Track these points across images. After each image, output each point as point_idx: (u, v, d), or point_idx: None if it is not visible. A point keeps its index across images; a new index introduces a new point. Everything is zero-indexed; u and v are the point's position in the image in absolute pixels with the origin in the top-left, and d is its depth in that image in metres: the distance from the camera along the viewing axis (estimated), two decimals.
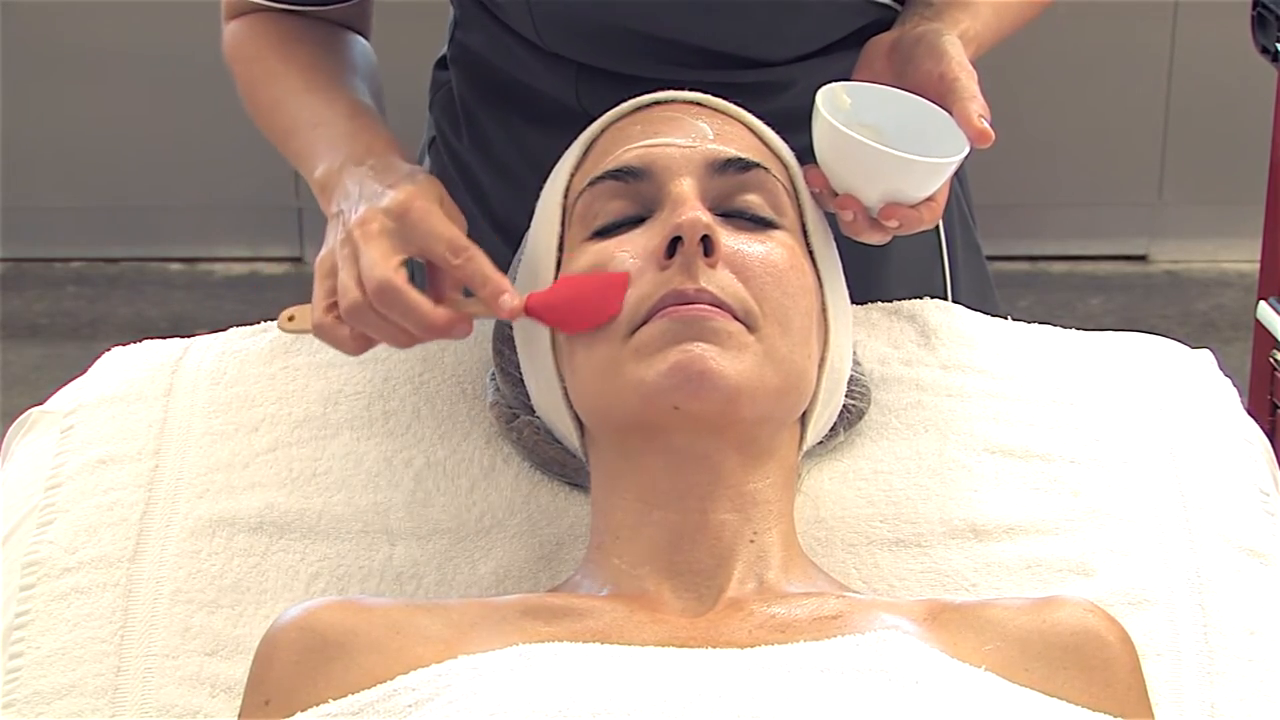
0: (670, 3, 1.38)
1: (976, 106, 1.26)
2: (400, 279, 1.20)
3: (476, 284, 1.23)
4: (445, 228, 1.23)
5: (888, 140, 1.24)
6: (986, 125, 1.25)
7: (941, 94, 1.28)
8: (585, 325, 1.22)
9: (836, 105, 1.27)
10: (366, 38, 1.48)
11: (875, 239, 1.28)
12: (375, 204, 1.24)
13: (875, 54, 1.35)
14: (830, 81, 1.28)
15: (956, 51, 1.30)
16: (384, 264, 1.20)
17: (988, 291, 1.61)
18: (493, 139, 1.51)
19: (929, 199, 1.26)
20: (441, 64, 1.57)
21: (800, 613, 1.16)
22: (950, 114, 1.27)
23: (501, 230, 1.51)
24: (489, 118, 1.51)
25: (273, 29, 1.43)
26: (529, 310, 1.24)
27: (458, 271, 1.23)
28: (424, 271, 1.28)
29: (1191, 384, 1.45)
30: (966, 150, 1.25)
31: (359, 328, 1.22)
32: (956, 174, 1.31)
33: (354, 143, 1.32)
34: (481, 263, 1.23)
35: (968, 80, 1.28)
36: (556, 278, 1.28)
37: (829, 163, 1.27)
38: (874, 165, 1.24)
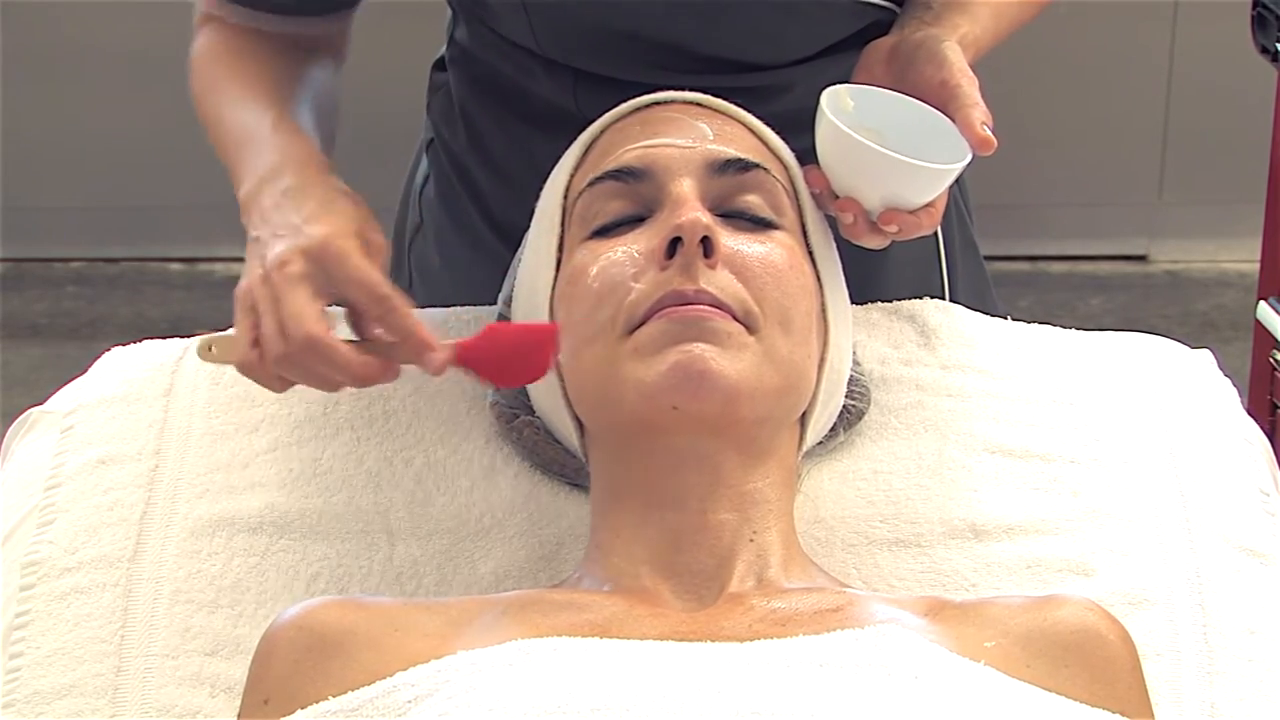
0: (668, 8, 1.38)
1: (979, 114, 1.26)
2: (323, 331, 1.18)
3: (399, 337, 1.19)
4: (364, 273, 1.19)
5: (889, 144, 1.24)
6: (989, 133, 1.25)
7: (943, 100, 1.28)
8: (516, 382, 1.22)
9: (839, 107, 1.27)
10: (339, 60, 1.45)
11: (874, 243, 1.28)
12: (293, 241, 1.20)
13: (874, 58, 1.35)
14: (829, 84, 1.28)
15: (957, 58, 1.30)
16: (307, 317, 1.18)
17: (986, 290, 1.61)
18: (491, 141, 1.51)
19: (928, 205, 1.26)
20: (439, 66, 1.56)
21: (800, 607, 1.16)
22: (952, 120, 1.27)
23: (500, 232, 1.51)
24: (487, 120, 1.51)
25: (228, 44, 1.41)
26: (459, 362, 1.20)
27: (378, 323, 1.20)
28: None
29: (1191, 384, 1.45)
30: (969, 157, 1.25)
31: (285, 375, 1.21)
32: None
33: (272, 156, 1.29)
34: (402, 316, 1.19)
35: (969, 87, 1.28)
36: (556, 278, 1.28)
37: (831, 164, 1.27)
38: (876, 168, 1.24)
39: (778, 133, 1.32)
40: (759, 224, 1.26)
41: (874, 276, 1.49)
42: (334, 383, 1.21)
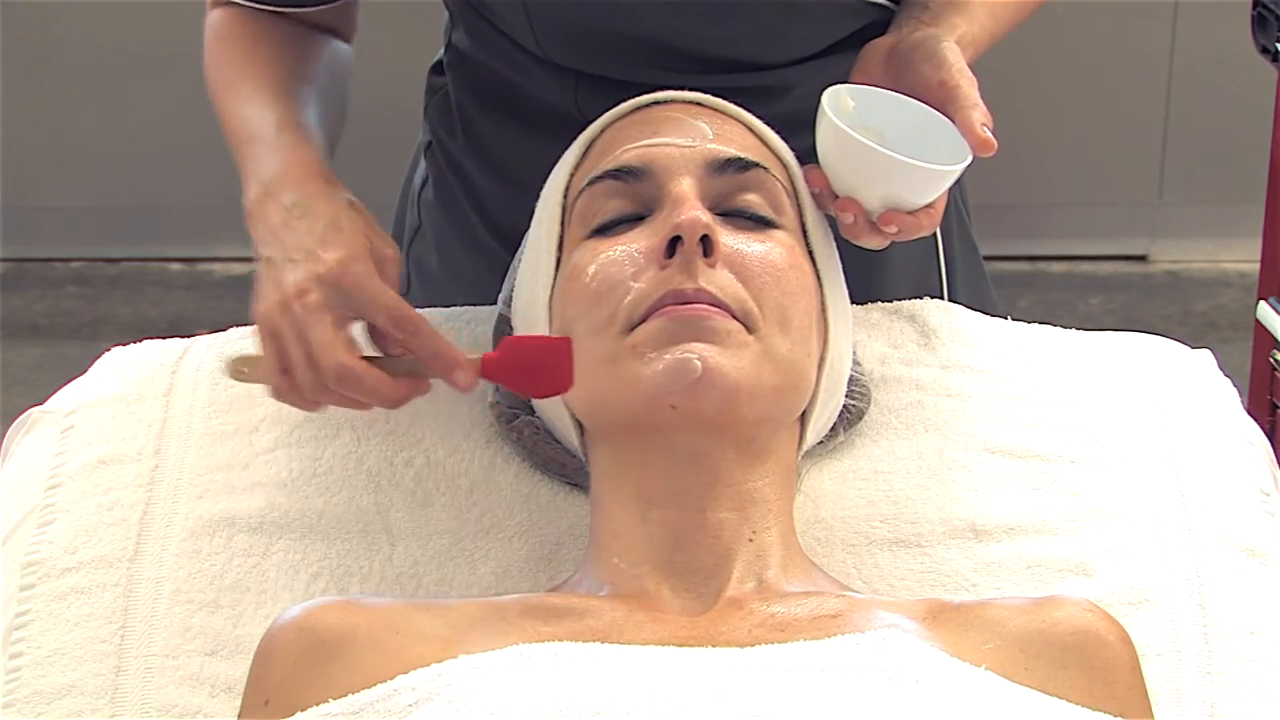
0: (670, 8, 1.38)
1: (979, 115, 1.26)
2: (354, 360, 1.20)
3: (425, 358, 1.22)
4: (384, 296, 1.22)
5: (889, 145, 1.24)
6: (989, 134, 1.25)
7: (942, 101, 1.28)
8: (544, 393, 1.24)
9: (840, 107, 1.27)
10: (349, 39, 1.47)
11: (874, 243, 1.28)
12: (310, 268, 1.22)
13: (872, 59, 1.35)
14: (829, 84, 1.28)
15: (956, 58, 1.30)
16: (335, 347, 1.20)
17: (984, 288, 1.61)
18: (490, 143, 1.51)
19: (928, 206, 1.26)
20: (437, 69, 1.56)
21: (800, 612, 1.16)
22: (952, 121, 1.27)
23: (498, 233, 1.51)
24: (486, 122, 1.51)
25: (241, 30, 1.41)
26: (485, 375, 1.22)
27: (402, 345, 1.22)
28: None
29: (1191, 384, 1.45)
30: (969, 158, 1.25)
31: (319, 399, 1.23)
32: None
33: (276, 162, 1.30)
34: (427, 336, 1.22)
35: (969, 88, 1.28)
36: (556, 277, 1.28)
37: (831, 164, 1.27)
38: (877, 168, 1.24)
39: (778, 133, 1.32)
40: (759, 223, 1.26)
41: (874, 276, 1.49)
42: (367, 405, 1.23)
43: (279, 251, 1.24)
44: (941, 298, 1.53)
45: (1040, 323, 1.52)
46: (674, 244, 1.20)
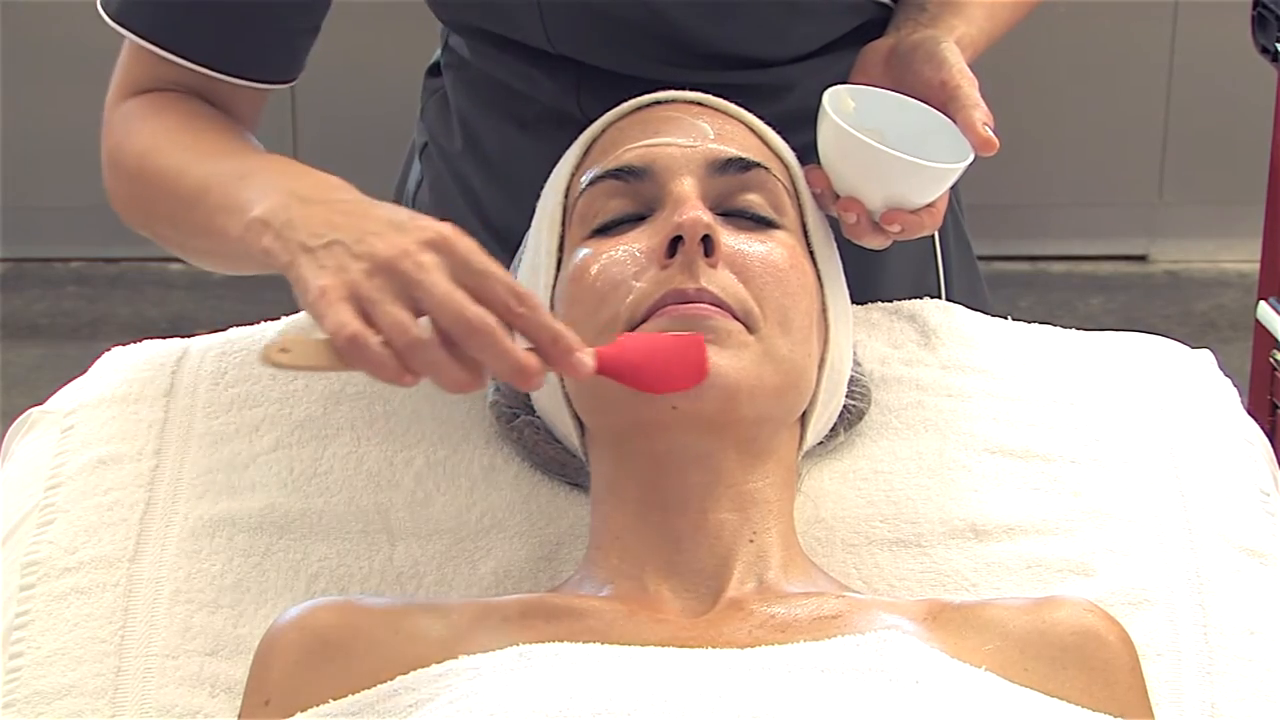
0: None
1: (980, 114, 1.26)
2: (491, 316, 1.06)
3: (544, 338, 1.09)
4: (500, 269, 1.09)
5: (890, 145, 1.24)
6: (991, 133, 1.25)
7: (943, 101, 1.28)
8: (672, 387, 1.16)
9: (841, 108, 1.27)
10: (254, 131, 1.38)
11: (876, 243, 1.28)
12: (412, 236, 1.09)
13: (872, 59, 1.35)
14: (830, 83, 1.29)
15: (956, 59, 1.30)
16: (466, 300, 1.06)
17: (976, 284, 1.61)
18: (488, 145, 1.51)
19: (930, 205, 1.26)
20: (434, 70, 1.56)
21: (800, 612, 1.16)
22: (953, 121, 1.27)
23: (497, 235, 1.51)
24: (484, 124, 1.51)
25: (164, 104, 1.37)
26: (601, 370, 1.12)
27: (518, 320, 1.08)
28: None
29: (1191, 384, 1.45)
30: (971, 158, 1.25)
31: (416, 366, 1.07)
32: None
33: (304, 181, 1.18)
34: (547, 314, 1.09)
35: (969, 88, 1.28)
36: (557, 277, 1.28)
37: (833, 164, 1.27)
38: (880, 168, 1.24)
39: (779, 132, 1.32)
40: (760, 223, 1.26)
41: (874, 276, 1.49)
42: (470, 379, 1.07)
43: (350, 233, 1.10)
44: (940, 297, 1.53)
45: (1040, 323, 1.52)
46: (675, 244, 1.20)
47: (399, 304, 1.06)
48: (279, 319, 1.48)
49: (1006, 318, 1.52)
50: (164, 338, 1.51)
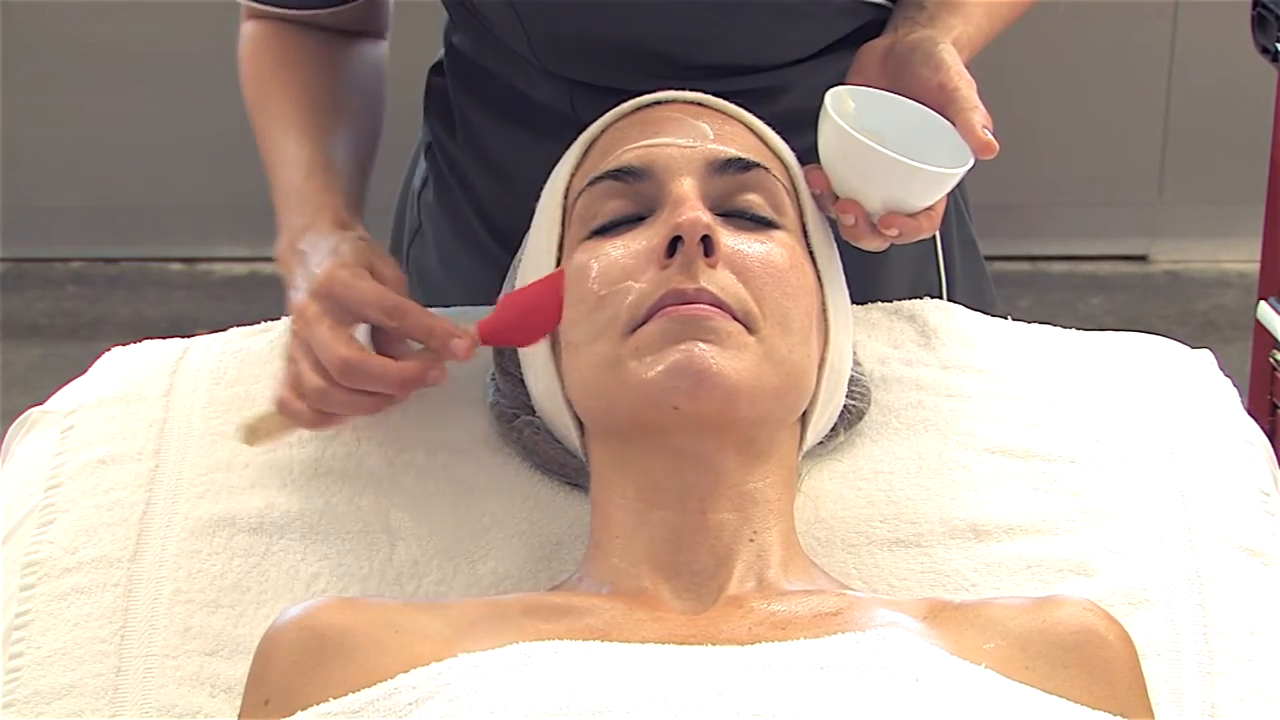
0: (664, 15, 1.37)
1: (979, 117, 1.26)
2: (355, 351, 1.24)
3: (421, 337, 1.26)
4: (371, 290, 1.26)
5: (889, 147, 1.24)
6: (990, 136, 1.25)
7: (941, 103, 1.28)
8: (541, 334, 1.26)
9: (842, 108, 1.27)
10: (383, 34, 1.49)
11: (874, 245, 1.28)
12: (306, 288, 1.27)
13: (868, 61, 1.35)
14: (827, 85, 1.28)
15: (954, 60, 1.30)
16: (335, 343, 1.24)
17: (984, 285, 1.61)
18: (488, 144, 1.51)
19: (929, 208, 1.26)
20: (437, 69, 1.56)
21: (800, 610, 1.16)
22: (952, 124, 1.27)
23: (497, 235, 1.51)
24: (484, 123, 1.51)
25: (276, 44, 1.45)
26: (484, 340, 1.26)
27: (398, 331, 1.26)
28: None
29: (1191, 384, 1.45)
30: (971, 161, 1.25)
31: (329, 409, 1.26)
32: None
33: (302, 214, 1.35)
34: (419, 316, 1.25)
35: (968, 90, 1.27)
36: None
37: (833, 165, 1.27)
38: (880, 170, 1.24)
39: (777, 132, 1.32)
40: (759, 223, 1.26)
41: (874, 276, 1.49)
42: (377, 402, 1.26)
43: (293, 291, 1.30)
44: (940, 298, 1.53)
45: (1040, 323, 1.52)
46: (674, 244, 1.20)
47: (306, 361, 1.25)
48: (279, 319, 1.48)
49: (1006, 318, 1.52)
50: (164, 338, 1.51)
